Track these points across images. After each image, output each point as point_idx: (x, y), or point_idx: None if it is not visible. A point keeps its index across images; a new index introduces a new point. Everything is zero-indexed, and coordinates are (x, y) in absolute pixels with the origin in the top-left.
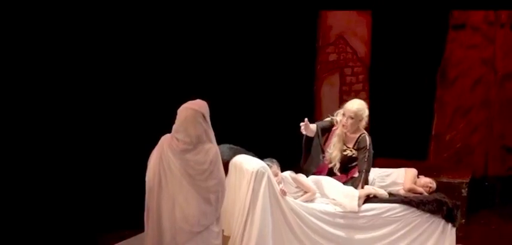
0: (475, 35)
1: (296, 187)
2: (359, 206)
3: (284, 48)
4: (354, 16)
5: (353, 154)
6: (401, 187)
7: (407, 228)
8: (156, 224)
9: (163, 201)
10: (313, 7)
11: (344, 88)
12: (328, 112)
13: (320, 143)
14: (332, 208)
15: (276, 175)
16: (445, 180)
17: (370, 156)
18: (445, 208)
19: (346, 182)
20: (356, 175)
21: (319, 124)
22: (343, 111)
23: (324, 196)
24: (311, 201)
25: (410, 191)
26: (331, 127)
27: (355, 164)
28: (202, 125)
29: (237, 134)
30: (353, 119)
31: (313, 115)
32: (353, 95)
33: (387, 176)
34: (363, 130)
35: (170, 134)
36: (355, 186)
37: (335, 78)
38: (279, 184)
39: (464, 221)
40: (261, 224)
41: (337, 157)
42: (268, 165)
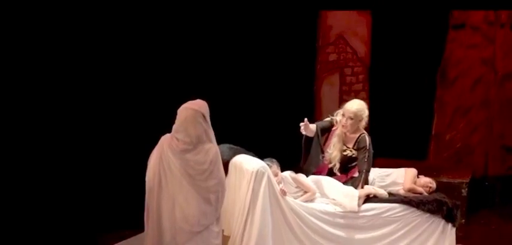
0: (475, 34)
1: (296, 187)
2: (359, 206)
3: (284, 48)
4: (354, 16)
5: (353, 154)
6: (401, 187)
7: (407, 228)
8: (156, 224)
9: (163, 201)
10: (313, 7)
11: (344, 88)
12: (328, 112)
13: (320, 143)
14: (332, 208)
15: (276, 175)
16: (445, 180)
17: (370, 156)
18: (445, 208)
19: (346, 182)
20: (356, 175)
21: (319, 124)
22: (343, 112)
23: (324, 195)
24: (311, 201)
25: (410, 191)
26: (331, 127)
27: (355, 164)
28: (202, 125)
29: (237, 134)
30: (353, 119)
31: (313, 115)
32: (353, 95)
33: (387, 176)
34: (362, 130)
35: (170, 134)
36: (355, 186)
37: (335, 78)
38: (279, 183)
39: (464, 221)
40: (260, 224)
41: (337, 157)
42: (268, 165)
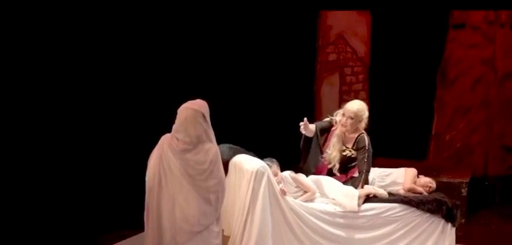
0: (475, 34)
1: (296, 187)
2: (359, 205)
3: (284, 48)
4: (354, 16)
5: (352, 154)
6: (401, 187)
7: (407, 228)
8: (156, 224)
9: (163, 201)
10: (313, 7)
11: (344, 88)
12: (328, 112)
13: (319, 143)
14: (332, 208)
15: (276, 175)
16: (445, 180)
17: (370, 156)
18: (444, 208)
19: (346, 182)
20: (356, 175)
21: (318, 124)
22: (343, 112)
23: (324, 195)
24: (311, 201)
25: (410, 190)
26: (330, 127)
27: (355, 164)
28: (202, 125)
29: (237, 134)
30: (353, 119)
31: (313, 115)
32: (353, 94)
33: (387, 176)
34: (361, 130)
35: (170, 134)
36: (355, 186)
37: (335, 78)
38: (279, 183)
39: (464, 221)
40: (260, 224)
41: (336, 158)
42: (268, 165)
